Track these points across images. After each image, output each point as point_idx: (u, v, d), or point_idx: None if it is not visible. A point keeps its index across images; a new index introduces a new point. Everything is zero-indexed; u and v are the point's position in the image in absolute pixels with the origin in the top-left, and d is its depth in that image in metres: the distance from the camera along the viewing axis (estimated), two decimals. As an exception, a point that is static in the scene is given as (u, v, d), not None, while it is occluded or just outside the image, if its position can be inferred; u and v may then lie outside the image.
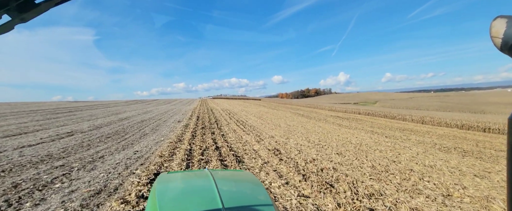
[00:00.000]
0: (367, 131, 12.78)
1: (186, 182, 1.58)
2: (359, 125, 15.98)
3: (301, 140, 9.41)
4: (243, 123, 14.55)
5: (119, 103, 38.00)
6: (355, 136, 10.83)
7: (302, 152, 7.13)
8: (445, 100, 54.05)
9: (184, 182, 1.58)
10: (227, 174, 1.88)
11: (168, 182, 1.46)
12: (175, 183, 1.50)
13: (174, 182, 1.50)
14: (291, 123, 15.91)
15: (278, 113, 24.49)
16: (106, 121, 12.97)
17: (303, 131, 12.19)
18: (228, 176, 1.79)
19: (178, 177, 1.67)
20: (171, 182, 1.48)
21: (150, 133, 9.96)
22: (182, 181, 1.59)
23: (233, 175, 1.88)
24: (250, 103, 46.91)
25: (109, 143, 7.46)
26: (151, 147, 7.01)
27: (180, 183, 1.53)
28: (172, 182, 1.49)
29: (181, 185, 1.49)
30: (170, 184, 1.45)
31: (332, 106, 37.94)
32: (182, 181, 1.58)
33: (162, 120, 14.58)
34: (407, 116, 22.59)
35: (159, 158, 5.64)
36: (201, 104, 35.74)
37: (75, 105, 28.09)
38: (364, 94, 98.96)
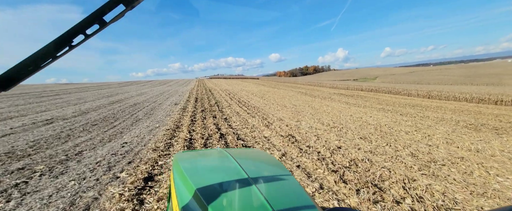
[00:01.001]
0: (378, 109, 11.84)
1: (205, 158, 1.59)
2: (366, 102, 15.04)
3: (313, 122, 8.35)
4: (245, 103, 13.37)
5: (113, 85, 36.02)
6: (369, 115, 9.84)
7: (320, 137, 6.08)
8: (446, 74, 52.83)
9: (203, 158, 1.59)
10: (240, 151, 1.87)
11: (188, 160, 1.46)
12: (195, 160, 1.51)
13: (194, 159, 1.52)
14: (296, 102, 14.80)
15: (280, 91, 23.27)
16: (94, 105, 11.64)
17: (312, 111, 11.12)
18: (242, 152, 1.79)
19: (194, 154, 1.70)
20: (191, 159, 1.48)
21: (143, 118, 8.76)
22: (200, 158, 1.61)
23: (246, 152, 1.95)
24: (249, 82, 45.32)
25: (94, 132, 6.27)
26: (144, 137, 5.86)
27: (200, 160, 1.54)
28: (192, 159, 1.49)
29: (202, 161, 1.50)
30: (191, 160, 1.46)
31: (333, 83, 36.77)
32: (201, 158, 1.60)
33: (157, 103, 13.30)
34: (413, 91, 21.70)
35: (152, 152, 4.52)
36: (199, 85, 34.13)
37: (65, 87, 26.33)
38: (363, 70, 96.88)
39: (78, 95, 16.32)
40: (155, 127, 7.20)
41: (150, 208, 2.53)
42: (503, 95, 14.62)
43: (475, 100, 15.39)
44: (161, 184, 3.11)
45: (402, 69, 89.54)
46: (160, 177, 3.35)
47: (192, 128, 7.06)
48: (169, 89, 25.17)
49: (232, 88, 26.88)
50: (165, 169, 3.68)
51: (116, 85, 33.68)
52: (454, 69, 63.80)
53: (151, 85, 34.97)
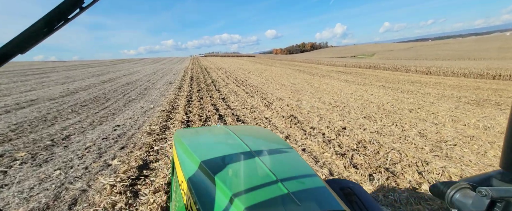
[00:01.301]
0: (378, 86, 11.63)
1: (207, 134, 1.56)
2: (365, 79, 14.80)
3: (314, 101, 8.04)
4: (243, 82, 12.87)
5: (104, 63, 34.29)
6: (370, 93, 9.60)
7: (323, 118, 5.81)
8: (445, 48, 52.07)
9: (205, 134, 1.57)
10: (240, 128, 1.85)
11: (190, 135, 1.44)
12: (196, 136, 1.50)
13: (195, 135, 1.50)
14: (295, 80, 14.36)
15: (277, 69, 22.60)
16: (84, 84, 10.97)
17: (311, 90, 10.77)
18: (242, 129, 1.76)
19: (196, 131, 1.67)
20: (193, 135, 1.46)
21: (136, 98, 8.28)
22: (202, 134, 1.58)
23: (246, 128, 1.97)
24: (245, 60, 43.98)
25: (83, 114, 5.84)
26: (138, 119, 5.47)
27: (202, 136, 1.51)
28: (193, 135, 1.48)
29: (204, 137, 1.47)
30: (192, 136, 1.44)
31: (331, 61, 36.00)
32: (202, 134, 1.57)
33: (151, 82, 12.66)
34: (411, 67, 21.39)
35: (147, 136, 4.17)
36: (193, 63, 32.88)
37: (52, 65, 24.92)
38: (361, 47, 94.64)
39: (67, 74, 15.38)
40: (150, 107, 6.79)
41: (146, 201, 2.26)
42: (501, 69, 14.51)
43: (473, 75, 15.33)
44: (158, 173, 2.83)
45: (400, 45, 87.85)
46: (156, 164, 3.06)
47: (189, 109, 6.68)
48: (163, 68, 24.15)
49: (228, 66, 25.97)
50: (161, 155, 3.38)
51: (108, 63, 32.13)
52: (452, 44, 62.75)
53: (144, 64, 33.54)
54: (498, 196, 0.42)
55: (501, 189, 0.43)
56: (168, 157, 3.27)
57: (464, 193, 0.49)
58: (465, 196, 0.49)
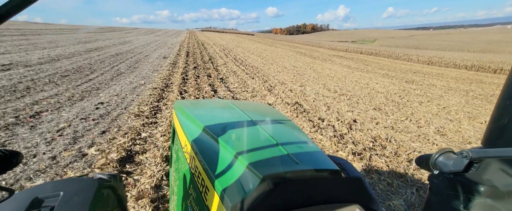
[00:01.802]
0: (381, 75, 11.20)
1: (207, 105, 1.53)
2: (368, 66, 14.30)
3: (319, 87, 7.47)
4: (242, 62, 12.01)
5: (90, 29, 31.69)
6: (375, 82, 9.12)
7: (330, 107, 5.29)
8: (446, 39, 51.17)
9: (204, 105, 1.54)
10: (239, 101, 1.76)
11: (190, 105, 1.39)
12: (196, 106, 1.45)
13: (195, 105, 1.45)
14: (296, 63, 13.60)
15: (278, 50, 21.52)
16: (68, 51, 9.84)
17: (314, 74, 10.14)
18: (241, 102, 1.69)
19: (195, 102, 1.62)
20: (193, 105, 1.42)
21: (126, 72, 7.43)
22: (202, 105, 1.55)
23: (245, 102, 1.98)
24: (244, 38, 41.89)
25: (63, 86, 5.06)
26: (125, 96, 4.77)
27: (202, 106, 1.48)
28: (193, 105, 1.43)
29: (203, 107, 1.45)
30: (193, 106, 1.38)
31: (332, 44, 34.87)
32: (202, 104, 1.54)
33: (143, 54, 11.58)
34: (413, 56, 21.01)
35: (135, 118, 3.55)
36: (190, 37, 30.94)
37: (35, 27, 22.64)
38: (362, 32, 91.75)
39: (50, 38, 13.83)
40: (140, 84, 6.04)
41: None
42: (503, 63, 14.29)
43: (475, 68, 15.16)
44: (144, 169, 2.28)
45: (401, 32, 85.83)
46: (142, 158, 2.50)
47: (184, 88, 5.98)
48: (157, 40, 22.52)
49: (226, 43, 24.54)
50: (150, 145, 2.81)
51: (96, 30, 29.67)
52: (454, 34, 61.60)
53: (137, 34, 31.28)
54: (477, 157, 0.44)
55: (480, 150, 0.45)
56: (157, 148, 2.71)
57: (447, 156, 0.51)
58: (448, 158, 0.50)
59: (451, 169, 0.48)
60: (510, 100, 0.47)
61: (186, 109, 1.27)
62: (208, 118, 1.13)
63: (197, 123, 1.04)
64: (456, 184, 0.51)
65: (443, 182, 0.54)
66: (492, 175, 0.47)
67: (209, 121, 1.05)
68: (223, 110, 1.33)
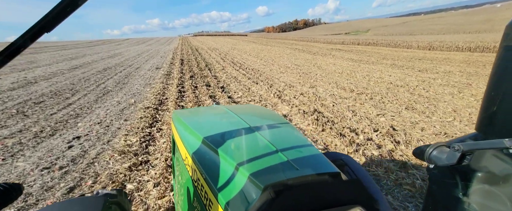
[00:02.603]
0: (389, 65, 10.52)
1: (205, 113, 1.53)
2: (371, 57, 13.61)
3: (331, 87, 6.64)
4: (241, 65, 11.13)
5: (80, 44, 30.41)
6: (387, 74, 8.36)
7: (356, 112, 4.45)
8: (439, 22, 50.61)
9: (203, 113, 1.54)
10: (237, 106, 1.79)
11: (188, 115, 1.40)
12: (195, 114, 1.46)
13: (194, 114, 1.46)
14: (297, 61, 12.77)
15: (275, 49, 20.67)
16: (49, 71, 8.89)
17: (320, 72, 9.31)
18: (239, 107, 1.70)
19: (194, 111, 1.66)
20: (191, 114, 1.43)
21: (114, 89, 6.52)
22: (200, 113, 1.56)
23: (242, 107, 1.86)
24: (238, 39, 40.98)
25: (32, 117, 4.13)
26: (110, 124, 3.88)
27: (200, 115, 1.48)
28: (192, 114, 1.44)
29: (202, 116, 1.44)
30: (191, 115, 1.39)
31: (328, 38, 34.13)
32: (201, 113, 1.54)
33: (134, 67, 10.64)
34: (413, 43, 20.38)
35: (119, 158, 2.66)
36: (183, 44, 29.94)
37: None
38: (354, 23, 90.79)
39: (32, 58, 12.78)
40: (129, 103, 5.14)
41: None
42: None
43: (479, 49, 14.53)
44: None
45: (394, 20, 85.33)
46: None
47: (181, 104, 5.09)
48: (148, 49, 21.53)
49: (221, 46, 23.62)
50: (138, 205, 1.92)
51: (85, 45, 28.45)
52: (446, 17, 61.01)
53: (128, 45, 30.20)
54: (468, 149, 0.45)
55: (471, 143, 0.46)
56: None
57: (440, 150, 0.52)
58: (441, 152, 0.51)
59: (445, 162, 0.49)
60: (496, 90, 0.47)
61: (184, 119, 1.26)
62: (206, 127, 1.12)
63: (196, 134, 1.02)
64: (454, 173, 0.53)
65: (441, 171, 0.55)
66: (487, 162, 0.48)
67: (207, 131, 1.04)
68: (221, 117, 1.31)
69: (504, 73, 0.47)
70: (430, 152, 0.52)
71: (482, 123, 0.52)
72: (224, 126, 1.14)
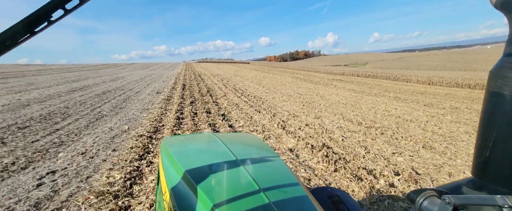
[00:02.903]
0: (393, 98, 10.40)
1: (194, 142, 1.52)
2: (372, 89, 13.65)
3: (337, 119, 6.32)
4: (243, 92, 11.02)
5: (86, 67, 31.19)
6: (393, 107, 8.13)
7: (368, 148, 4.04)
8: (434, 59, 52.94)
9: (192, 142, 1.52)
10: (229, 135, 1.78)
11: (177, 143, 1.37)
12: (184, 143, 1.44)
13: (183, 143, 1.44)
14: (299, 90, 12.72)
15: (276, 77, 21.01)
16: (46, 93, 8.70)
17: (323, 102, 9.11)
18: (231, 136, 1.72)
19: (183, 139, 1.62)
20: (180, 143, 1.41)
21: (109, 114, 6.20)
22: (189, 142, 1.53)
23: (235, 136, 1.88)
24: (240, 67, 42.28)
25: (11, 144, 3.71)
26: (96, 154, 3.45)
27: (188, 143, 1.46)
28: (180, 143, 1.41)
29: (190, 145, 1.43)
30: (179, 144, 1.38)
31: (328, 69, 35.18)
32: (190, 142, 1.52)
33: (134, 91, 10.51)
34: (412, 77, 20.94)
35: (96, 200, 2.20)
36: (186, 69, 30.75)
37: (22, 69, 21.84)
38: (353, 56, 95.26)
39: (33, 79, 12.81)
40: (122, 130, 4.76)
41: None
42: None
43: (479, 87, 14.70)
44: None
45: (390, 55, 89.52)
46: None
47: (178, 132, 4.71)
48: (152, 74, 21.90)
49: (223, 73, 24.11)
50: None
51: (90, 68, 29.16)
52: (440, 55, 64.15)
53: (133, 69, 30.97)
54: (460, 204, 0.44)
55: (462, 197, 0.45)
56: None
57: (431, 201, 0.50)
58: (432, 203, 0.49)
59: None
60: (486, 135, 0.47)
61: (171, 147, 1.23)
62: (190, 159, 1.08)
63: (177, 166, 0.98)
64: None
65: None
66: None
67: (191, 163, 1.00)
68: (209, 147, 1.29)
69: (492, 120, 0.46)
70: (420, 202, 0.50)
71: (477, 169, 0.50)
72: (210, 157, 1.11)
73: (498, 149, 0.45)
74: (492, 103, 0.46)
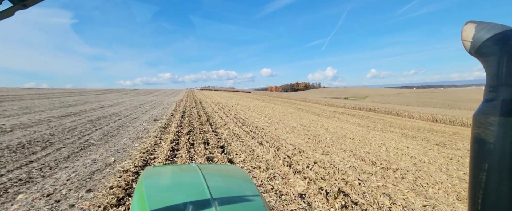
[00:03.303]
0: (400, 135, 10.00)
1: (173, 175, 1.44)
2: (376, 124, 13.29)
3: (349, 156, 5.73)
4: (244, 122, 10.56)
5: (88, 92, 31.31)
6: (405, 145, 7.64)
7: (393, 198, 3.40)
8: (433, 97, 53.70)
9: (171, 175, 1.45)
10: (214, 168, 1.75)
11: (155, 176, 1.33)
12: (162, 176, 1.37)
13: (161, 175, 1.37)
14: (303, 121, 12.28)
15: (278, 107, 20.79)
16: (36, 118, 8.21)
17: (329, 135, 8.59)
18: (216, 169, 1.67)
19: (164, 170, 1.54)
20: (158, 175, 1.35)
21: (97, 142, 5.63)
22: (168, 174, 1.46)
23: (220, 169, 1.77)
24: (242, 96, 42.68)
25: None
26: (64, 198, 2.81)
27: (167, 176, 1.39)
28: (158, 175, 1.36)
29: (168, 178, 1.36)
30: (157, 177, 1.33)
31: (329, 101, 35.41)
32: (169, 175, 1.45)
33: (130, 117, 10.07)
34: (415, 113, 20.89)
35: None
36: (188, 96, 30.87)
37: (18, 93, 21.78)
38: (352, 89, 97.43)
39: (30, 103, 12.44)
40: (107, 163, 4.15)
41: None
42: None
43: None
44: None
45: (389, 90, 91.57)
46: None
47: (169, 169, 4.10)
48: (153, 100, 21.78)
49: (225, 101, 24.02)
50: None
51: (92, 93, 29.27)
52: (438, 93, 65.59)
53: (135, 95, 31.09)
54: None
55: None
56: None
57: None
58: None
59: None
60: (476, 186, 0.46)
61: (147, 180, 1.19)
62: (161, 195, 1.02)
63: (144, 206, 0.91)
64: None
65: None
66: None
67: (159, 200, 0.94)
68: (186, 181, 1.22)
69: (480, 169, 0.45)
70: None
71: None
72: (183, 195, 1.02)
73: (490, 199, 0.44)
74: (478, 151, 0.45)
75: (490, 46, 0.44)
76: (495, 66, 0.43)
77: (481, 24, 0.46)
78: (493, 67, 0.43)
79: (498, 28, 0.44)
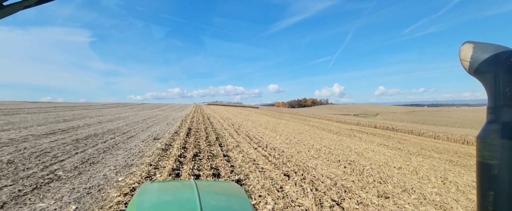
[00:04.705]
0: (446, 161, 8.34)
1: (168, 192, 1.39)
2: (405, 145, 11.52)
3: (416, 200, 3.92)
4: (259, 142, 8.83)
5: (93, 106, 30.36)
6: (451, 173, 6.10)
7: None
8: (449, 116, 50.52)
9: (166, 192, 1.39)
10: (212, 185, 1.63)
11: (149, 192, 1.31)
12: (156, 193, 1.34)
13: (156, 192, 1.34)
14: (323, 141, 10.48)
15: (290, 124, 19.01)
16: (10, 137, 6.69)
17: (365, 162, 6.82)
18: (213, 187, 1.57)
19: (160, 187, 1.49)
20: (152, 192, 1.33)
21: (66, 175, 4.01)
22: (164, 191, 1.41)
23: (218, 187, 1.65)
24: (250, 111, 41.15)
25: None
26: None
27: (161, 193, 1.35)
28: (153, 192, 1.33)
29: (162, 195, 1.32)
30: (151, 194, 1.30)
31: (340, 118, 33.33)
32: (164, 191, 1.40)
33: (127, 135, 8.52)
34: (440, 134, 18.65)
35: None
36: (196, 111, 29.50)
37: (16, 106, 20.89)
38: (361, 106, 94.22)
39: (21, 118, 11.05)
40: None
41: None
42: None
43: None
44: None
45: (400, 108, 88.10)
46: None
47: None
48: (158, 115, 20.42)
49: (234, 117, 22.43)
50: None
51: (98, 106, 28.29)
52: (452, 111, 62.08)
53: (141, 109, 29.99)
54: None
55: None
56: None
57: None
58: None
59: None
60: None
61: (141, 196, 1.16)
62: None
63: None
64: None
65: None
66: None
67: None
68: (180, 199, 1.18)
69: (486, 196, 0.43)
70: None
71: None
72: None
73: None
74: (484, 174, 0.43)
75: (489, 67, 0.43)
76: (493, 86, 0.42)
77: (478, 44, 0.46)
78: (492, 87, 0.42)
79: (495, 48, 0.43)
